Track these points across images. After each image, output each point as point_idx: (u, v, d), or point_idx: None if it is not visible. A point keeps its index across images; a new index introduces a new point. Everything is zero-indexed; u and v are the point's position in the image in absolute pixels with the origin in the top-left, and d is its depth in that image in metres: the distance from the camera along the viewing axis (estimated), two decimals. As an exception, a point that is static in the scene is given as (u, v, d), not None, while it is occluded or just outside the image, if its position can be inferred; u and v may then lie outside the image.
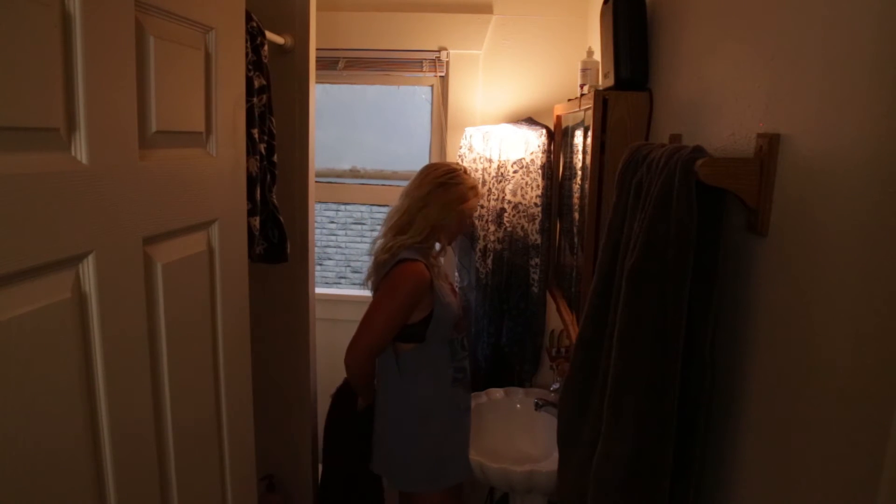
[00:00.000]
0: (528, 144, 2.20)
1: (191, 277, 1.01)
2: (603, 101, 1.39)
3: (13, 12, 0.62)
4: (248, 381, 1.24)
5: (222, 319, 1.10)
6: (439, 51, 2.36)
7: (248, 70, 1.40)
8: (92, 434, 0.77)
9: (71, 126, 0.71)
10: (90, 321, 0.76)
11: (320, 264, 2.75)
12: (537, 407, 1.99)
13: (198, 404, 1.05)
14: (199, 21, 0.98)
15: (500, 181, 2.24)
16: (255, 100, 1.48)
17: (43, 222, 0.67)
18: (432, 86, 2.48)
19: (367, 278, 1.74)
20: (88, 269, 0.74)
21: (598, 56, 1.69)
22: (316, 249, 2.06)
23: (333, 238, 2.77)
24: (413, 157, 2.60)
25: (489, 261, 2.26)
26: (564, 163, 2.07)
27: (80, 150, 0.72)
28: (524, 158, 2.21)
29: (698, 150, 0.84)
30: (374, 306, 1.62)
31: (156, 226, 0.88)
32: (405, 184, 1.74)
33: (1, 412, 0.63)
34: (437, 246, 1.77)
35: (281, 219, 1.62)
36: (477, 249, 2.27)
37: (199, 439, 1.06)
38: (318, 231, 2.65)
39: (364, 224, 2.77)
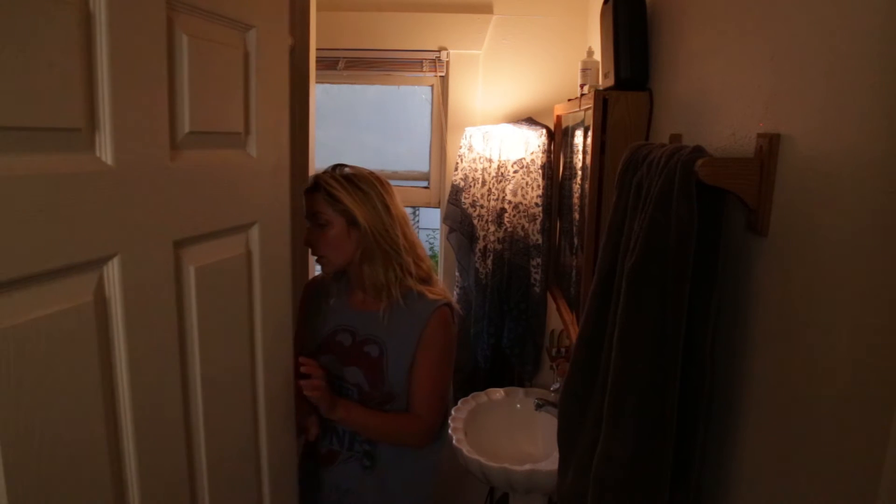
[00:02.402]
0: (528, 144, 2.20)
1: (227, 281, 0.97)
2: (603, 101, 1.39)
3: (31, 12, 0.61)
4: (290, 392, 1.18)
5: (262, 325, 1.05)
6: (439, 51, 2.36)
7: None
8: (114, 445, 0.74)
9: (94, 126, 0.69)
10: (114, 326, 0.73)
11: (320, 264, 2.75)
12: (537, 407, 1.99)
13: (234, 418, 1.00)
14: (237, 19, 0.94)
15: (501, 181, 2.24)
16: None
17: (64, 224, 0.65)
18: (432, 86, 2.48)
19: None
20: (113, 272, 0.72)
21: (598, 56, 1.69)
22: (316, 249, 2.06)
23: (333, 238, 2.78)
24: (413, 157, 2.60)
25: (489, 261, 2.26)
26: (564, 163, 2.07)
27: (105, 151, 0.70)
28: (524, 158, 2.21)
29: (698, 150, 0.84)
30: None
31: (188, 228, 0.85)
32: (405, 184, 1.69)
33: (16, 417, 0.61)
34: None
35: (281, 219, 1.61)
36: (476, 250, 2.27)
37: (235, 459, 1.01)
38: (318, 231, 2.65)
39: (364, 224, 2.77)
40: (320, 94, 2.34)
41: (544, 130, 2.21)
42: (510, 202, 2.24)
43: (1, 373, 0.60)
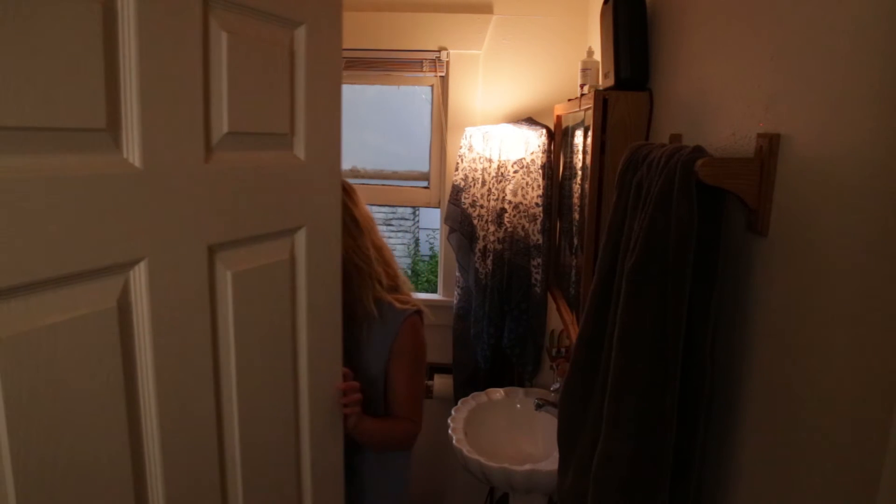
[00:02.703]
0: (529, 144, 2.20)
1: (268, 288, 0.92)
2: (603, 101, 1.39)
3: (47, 8, 0.58)
4: (337, 405, 1.11)
5: (307, 335, 1.00)
6: (439, 51, 2.36)
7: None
8: (139, 463, 0.71)
9: (118, 127, 0.66)
10: (140, 333, 0.71)
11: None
12: (537, 407, 1.99)
13: (273, 435, 0.95)
14: (283, 16, 0.89)
15: (501, 181, 2.24)
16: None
17: (86, 226, 0.63)
18: (432, 86, 2.48)
19: None
20: (140, 277, 0.70)
21: (598, 56, 1.69)
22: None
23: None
24: (413, 157, 2.60)
25: (489, 261, 2.26)
26: (564, 163, 2.07)
27: (132, 152, 0.67)
28: (524, 158, 2.21)
29: (698, 150, 0.84)
30: None
31: (225, 232, 0.82)
32: (405, 184, 1.66)
33: (28, 428, 0.59)
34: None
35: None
36: (476, 250, 2.27)
37: (273, 479, 0.95)
38: (318, 231, 2.65)
39: (364, 224, 2.77)
40: (320, 94, 2.34)
41: (544, 130, 2.21)
42: (510, 202, 2.24)
43: (12, 380, 0.57)
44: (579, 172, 1.71)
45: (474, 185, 2.27)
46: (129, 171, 0.67)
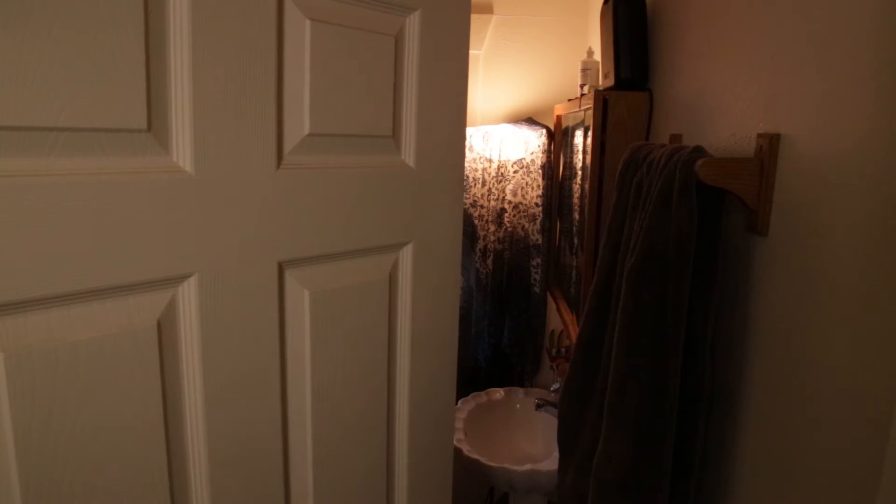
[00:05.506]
0: (528, 144, 2.20)
1: (358, 311, 0.82)
2: (603, 101, 1.39)
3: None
4: (447, 463, 0.96)
5: (410, 369, 0.89)
6: (439, 51, 2.36)
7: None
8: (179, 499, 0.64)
9: (165, 127, 0.60)
10: (188, 357, 0.64)
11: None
12: (537, 407, 1.99)
13: (354, 483, 0.83)
14: (390, 1, 0.79)
15: (501, 181, 2.25)
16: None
17: (119, 237, 0.57)
18: (432, 86, 2.48)
19: None
20: (189, 294, 0.63)
21: (598, 56, 1.69)
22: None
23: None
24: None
25: (489, 261, 2.27)
26: (564, 163, 2.07)
27: (183, 156, 0.61)
28: (524, 158, 2.21)
29: (698, 150, 0.84)
30: None
31: (302, 248, 0.73)
32: None
33: (44, 447, 0.55)
34: None
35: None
36: (476, 250, 2.27)
37: None
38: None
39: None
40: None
41: (544, 130, 2.22)
42: (510, 202, 2.24)
43: (23, 397, 0.52)
44: (579, 172, 1.71)
45: (475, 185, 2.27)
46: (177, 177, 0.60)
